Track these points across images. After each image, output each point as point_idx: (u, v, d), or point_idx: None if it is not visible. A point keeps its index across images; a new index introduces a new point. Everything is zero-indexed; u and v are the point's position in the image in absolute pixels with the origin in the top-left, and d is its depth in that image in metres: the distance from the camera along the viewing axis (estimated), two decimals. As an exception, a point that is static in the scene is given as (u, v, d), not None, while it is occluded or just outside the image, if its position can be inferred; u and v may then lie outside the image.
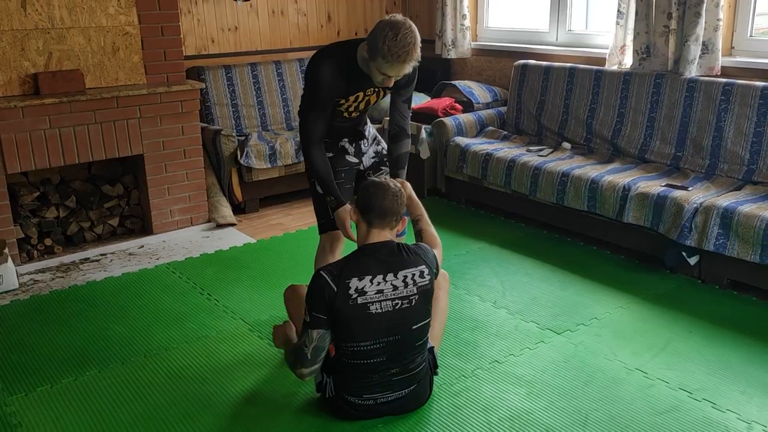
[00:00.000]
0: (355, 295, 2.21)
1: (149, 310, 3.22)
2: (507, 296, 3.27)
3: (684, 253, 3.30)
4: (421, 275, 2.28)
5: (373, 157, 2.92)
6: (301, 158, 4.37)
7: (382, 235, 2.32)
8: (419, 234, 2.59)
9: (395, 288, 2.24)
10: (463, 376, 2.61)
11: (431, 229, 2.61)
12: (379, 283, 2.22)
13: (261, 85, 4.95)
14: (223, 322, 3.10)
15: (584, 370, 2.63)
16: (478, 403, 2.44)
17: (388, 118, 3.00)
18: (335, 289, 2.21)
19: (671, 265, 3.42)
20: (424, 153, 4.57)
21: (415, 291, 2.26)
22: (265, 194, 4.66)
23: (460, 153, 4.36)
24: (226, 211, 4.40)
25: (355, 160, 2.85)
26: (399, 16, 2.41)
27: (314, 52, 2.61)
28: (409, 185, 2.68)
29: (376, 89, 2.65)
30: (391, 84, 2.51)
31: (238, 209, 4.60)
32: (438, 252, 2.49)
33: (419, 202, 2.68)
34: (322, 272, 2.26)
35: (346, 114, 2.70)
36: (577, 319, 3.03)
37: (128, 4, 3.92)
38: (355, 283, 2.21)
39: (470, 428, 2.31)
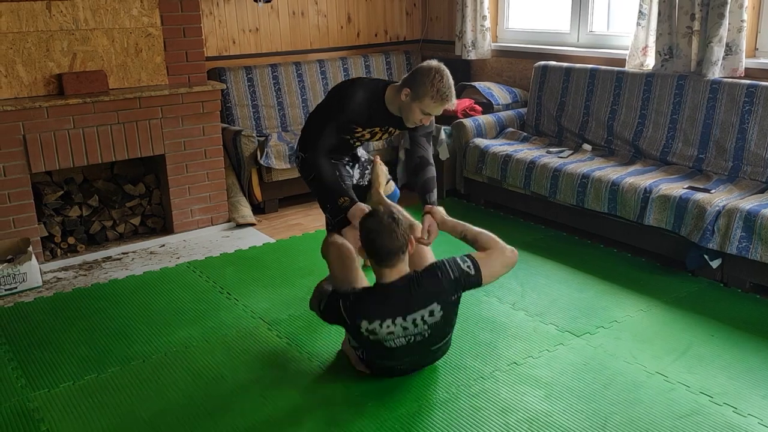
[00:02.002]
0: (366, 334, 2.35)
1: (170, 309, 3.26)
2: (526, 298, 3.25)
3: (706, 256, 3.27)
4: (431, 314, 2.37)
5: (358, 168, 3.19)
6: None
7: (395, 271, 2.38)
8: (475, 243, 2.59)
9: (405, 329, 2.35)
10: (482, 377, 2.61)
11: (483, 234, 2.59)
12: (388, 326, 2.34)
13: (281, 86, 4.98)
14: (242, 320, 3.12)
15: (603, 373, 2.62)
16: (497, 405, 2.43)
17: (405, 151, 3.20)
18: (348, 321, 2.36)
19: (693, 268, 3.39)
20: (444, 154, 4.57)
21: (427, 328, 2.39)
22: (284, 194, 4.68)
23: (480, 154, 4.36)
24: (245, 211, 4.43)
25: (352, 172, 3.11)
26: (435, 61, 2.64)
27: (343, 80, 2.87)
28: (440, 210, 2.72)
29: (389, 129, 2.84)
30: (428, 122, 2.74)
31: (257, 209, 4.63)
32: (494, 254, 2.50)
33: (455, 220, 2.70)
34: (339, 298, 2.39)
35: (351, 140, 2.88)
36: (596, 321, 3.01)
37: (151, 6, 3.97)
38: (365, 324, 2.34)
39: (488, 430, 2.31)
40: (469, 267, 2.42)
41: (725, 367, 2.63)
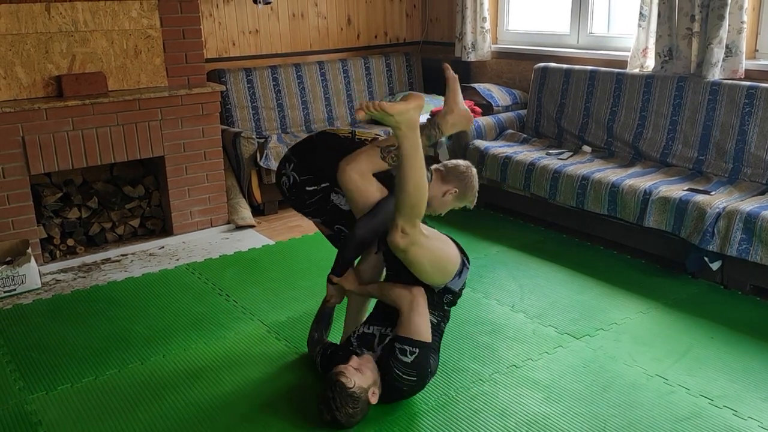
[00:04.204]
0: None
1: (168, 311, 3.25)
2: (525, 300, 3.25)
3: (706, 258, 3.26)
4: None
5: None
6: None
7: None
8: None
9: None
10: (481, 380, 2.60)
11: (390, 292, 2.46)
12: None
13: (281, 87, 4.98)
14: (241, 323, 3.11)
15: (603, 376, 2.61)
16: (496, 408, 2.43)
17: None
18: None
19: (693, 270, 3.38)
20: (443, 156, 4.57)
21: None
22: (284, 196, 4.67)
23: (480, 156, 4.35)
24: (245, 212, 4.42)
25: None
26: (468, 162, 2.86)
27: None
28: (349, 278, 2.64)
29: None
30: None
31: (257, 211, 4.62)
32: (413, 317, 2.36)
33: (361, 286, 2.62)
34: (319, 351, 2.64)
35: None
36: (596, 323, 3.01)
37: (151, 8, 3.97)
38: None
39: (487, 432, 2.30)
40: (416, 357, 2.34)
41: (725, 370, 2.63)
